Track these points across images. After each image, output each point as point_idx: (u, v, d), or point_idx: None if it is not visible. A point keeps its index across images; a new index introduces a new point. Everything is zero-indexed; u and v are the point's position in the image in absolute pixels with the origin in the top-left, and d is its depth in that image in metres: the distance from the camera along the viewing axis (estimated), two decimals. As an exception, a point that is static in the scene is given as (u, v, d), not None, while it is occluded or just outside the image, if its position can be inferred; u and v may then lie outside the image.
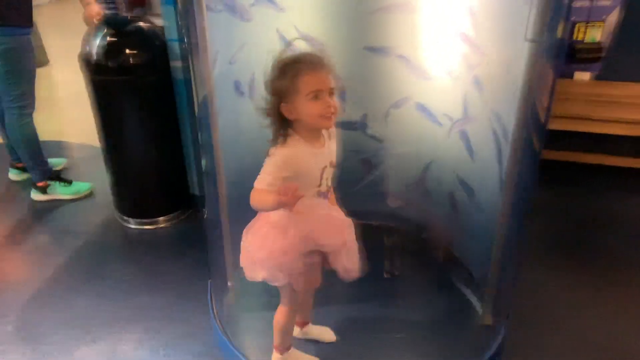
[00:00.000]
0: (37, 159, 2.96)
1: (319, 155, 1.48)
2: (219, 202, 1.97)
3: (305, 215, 1.49)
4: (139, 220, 2.77)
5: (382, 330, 2.03)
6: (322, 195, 1.55)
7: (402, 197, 2.34)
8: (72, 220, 2.84)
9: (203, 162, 1.82)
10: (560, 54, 1.50)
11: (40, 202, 3.01)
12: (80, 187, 3.06)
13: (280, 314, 1.73)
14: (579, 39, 2.38)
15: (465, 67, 2.00)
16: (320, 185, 1.51)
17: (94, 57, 2.41)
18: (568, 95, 3.02)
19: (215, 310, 1.98)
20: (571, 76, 3.08)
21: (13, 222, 2.85)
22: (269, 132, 1.47)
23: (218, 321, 1.94)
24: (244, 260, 1.61)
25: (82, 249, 2.59)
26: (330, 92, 1.41)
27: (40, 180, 2.99)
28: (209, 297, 2.07)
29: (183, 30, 1.58)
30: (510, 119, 1.70)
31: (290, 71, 1.39)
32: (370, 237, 1.96)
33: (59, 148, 3.72)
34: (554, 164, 3.20)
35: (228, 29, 1.90)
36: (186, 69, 2.48)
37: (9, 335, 2.07)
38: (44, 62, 5.39)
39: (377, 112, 2.30)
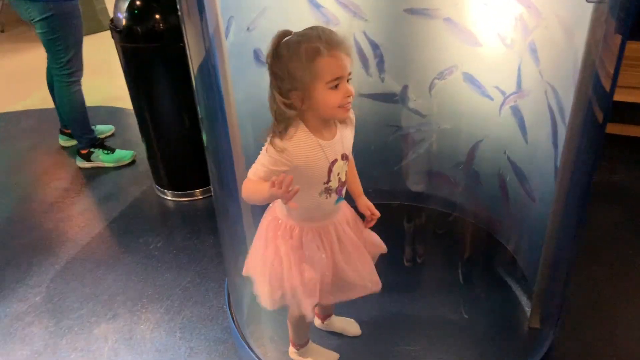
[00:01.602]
0: (83, 127, 2.96)
1: (327, 148, 1.27)
2: (238, 184, 1.84)
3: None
4: (175, 192, 2.71)
5: (412, 324, 1.85)
6: (332, 191, 1.33)
7: (427, 179, 2.10)
8: (111, 190, 2.83)
9: (210, 140, 1.66)
10: (631, 16, 1.20)
11: (85, 169, 3.03)
12: (122, 155, 3.04)
13: (294, 313, 1.57)
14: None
15: (520, 32, 1.70)
16: (328, 181, 1.30)
17: (123, 22, 2.30)
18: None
19: (230, 300, 1.87)
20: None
21: (56, 189, 2.88)
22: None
23: (232, 312, 1.83)
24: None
25: (117, 221, 2.57)
26: (349, 78, 1.20)
27: (85, 148, 3.00)
28: (225, 287, 1.96)
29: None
30: (569, 94, 1.41)
31: (307, 53, 1.15)
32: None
33: (112, 114, 3.73)
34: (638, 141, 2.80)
35: (244, -8, 1.71)
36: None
37: (37, 307, 2.08)
38: (107, 27, 5.45)
39: (420, 83, 2.04)
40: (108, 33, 2.54)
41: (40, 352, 1.89)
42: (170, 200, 2.71)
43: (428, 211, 2.27)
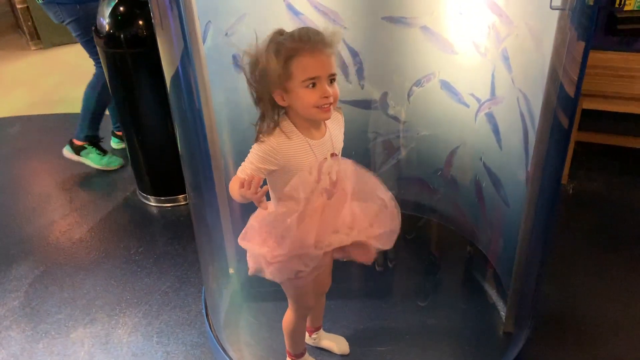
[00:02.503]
0: (93, 120, 2.93)
1: (317, 147, 1.28)
2: (217, 187, 1.85)
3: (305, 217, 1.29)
4: (158, 198, 2.72)
5: (389, 330, 1.86)
6: (325, 191, 1.32)
7: (404, 184, 2.12)
8: (95, 196, 2.83)
9: (185, 144, 1.68)
10: (593, 23, 1.23)
11: (70, 163, 3.03)
12: (112, 161, 3.03)
13: (288, 318, 1.58)
14: (621, 6, 2.00)
15: (493, 40, 1.73)
16: (318, 180, 1.30)
17: (106, 28, 2.32)
18: (633, 73, 2.62)
19: (207, 305, 1.88)
20: (637, 50, 2.68)
21: (39, 194, 2.87)
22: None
23: (209, 317, 1.84)
24: (251, 258, 1.41)
25: (99, 226, 2.57)
26: (331, 78, 1.21)
27: (80, 140, 2.98)
28: (202, 292, 1.96)
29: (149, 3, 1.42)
30: (538, 100, 1.44)
31: (284, 52, 1.17)
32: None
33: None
34: (617, 150, 2.83)
35: (222, -3, 1.73)
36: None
37: (14, 311, 2.08)
38: (98, 34, 5.48)
39: (399, 90, 2.07)
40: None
41: (17, 355, 1.88)
42: (153, 205, 2.72)
43: (406, 217, 2.28)
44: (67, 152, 3.03)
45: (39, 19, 5.21)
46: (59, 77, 4.60)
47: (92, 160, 3.00)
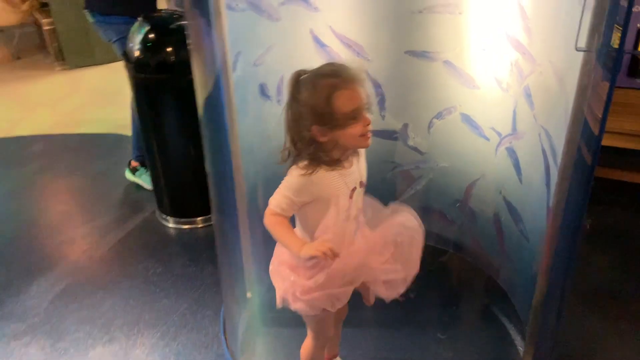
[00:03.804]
0: (139, 140, 2.96)
1: (347, 176, 1.32)
2: (238, 210, 1.88)
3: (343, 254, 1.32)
4: (177, 219, 2.75)
5: (406, 361, 1.86)
6: (351, 218, 1.36)
7: (422, 214, 2.15)
8: (115, 216, 2.86)
9: (213, 167, 1.72)
10: (618, 65, 1.26)
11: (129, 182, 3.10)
12: None
13: (307, 346, 1.60)
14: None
15: (516, 76, 1.77)
16: (349, 208, 1.34)
17: (135, 54, 2.40)
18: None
19: (225, 328, 1.89)
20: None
21: (61, 213, 2.93)
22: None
23: (227, 340, 1.85)
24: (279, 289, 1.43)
25: (119, 245, 2.60)
26: (366, 108, 1.26)
27: (135, 160, 3.05)
28: (221, 314, 1.98)
29: (188, 30, 1.48)
30: (561, 137, 1.46)
31: (325, 89, 1.21)
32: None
33: (120, 141, 3.80)
34: (634, 186, 2.83)
35: (252, 29, 1.79)
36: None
37: (34, 327, 2.10)
38: (121, 57, 5.60)
39: (420, 122, 2.11)
40: (121, 63, 2.63)
41: (34, 372, 1.90)
42: (171, 227, 2.75)
43: (425, 247, 2.29)
44: (127, 173, 3.12)
45: (65, 40, 5.36)
46: (82, 98, 4.70)
47: (144, 181, 3.06)
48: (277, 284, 1.43)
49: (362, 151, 1.42)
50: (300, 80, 1.24)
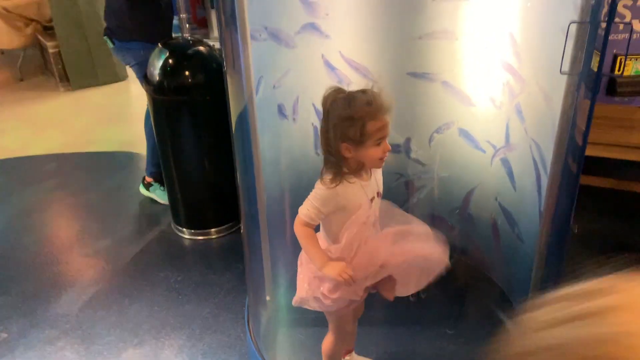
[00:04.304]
0: (154, 156, 3.09)
1: (367, 187, 1.50)
2: (260, 220, 2.07)
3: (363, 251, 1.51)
4: (191, 231, 2.92)
5: (414, 356, 2.03)
6: (371, 225, 1.55)
7: (425, 221, 2.34)
8: (133, 229, 3.04)
9: (242, 180, 1.91)
10: (597, 87, 1.47)
11: (143, 197, 3.26)
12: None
13: (328, 342, 1.76)
14: (621, 72, 2.28)
15: (507, 95, 1.98)
16: (369, 215, 1.52)
17: (155, 77, 2.58)
18: (634, 124, 2.88)
19: (250, 326, 2.06)
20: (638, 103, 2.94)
21: (80, 227, 3.08)
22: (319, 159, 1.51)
23: (252, 337, 2.01)
24: (301, 291, 1.61)
25: (139, 256, 2.76)
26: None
27: (149, 176, 3.21)
28: (245, 313, 2.15)
29: (223, 56, 1.68)
30: (549, 149, 1.67)
31: (361, 115, 1.37)
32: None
33: (129, 158, 3.97)
34: (621, 194, 3.06)
35: (272, 56, 1.99)
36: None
37: (67, 333, 2.26)
38: (123, 77, 5.79)
39: (421, 136, 2.31)
40: (123, 83, 2.81)
41: (72, 373, 2.05)
42: (187, 238, 2.92)
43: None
44: (141, 188, 3.28)
45: (69, 62, 5.54)
46: (88, 117, 4.87)
47: (158, 196, 3.22)
48: (300, 285, 1.61)
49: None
50: (337, 99, 1.40)
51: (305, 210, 1.48)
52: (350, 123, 1.37)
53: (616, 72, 2.28)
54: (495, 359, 0.61)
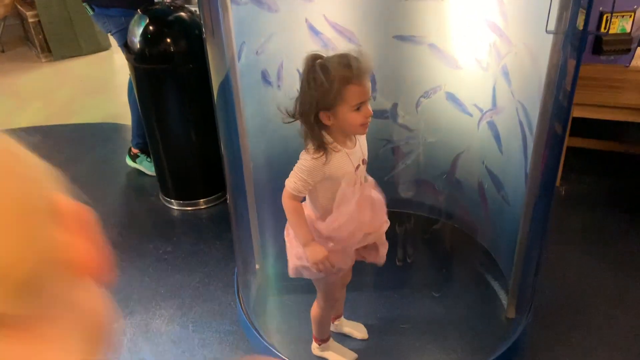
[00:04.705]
0: (140, 127, 3.04)
1: (352, 155, 1.48)
2: (246, 189, 2.05)
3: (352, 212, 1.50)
4: (180, 202, 2.91)
5: (403, 319, 2.06)
6: (357, 190, 1.53)
7: (415, 187, 2.34)
8: (121, 201, 3.03)
9: (226, 149, 1.88)
10: (583, 45, 1.45)
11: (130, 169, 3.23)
12: None
13: (317, 308, 1.78)
14: (607, 30, 2.25)
15: (494, 57, 1.96)
16: (355, 182, 1.52)
17: (136, 45, 2.52)
18: (624, 84, 2.86)
19: (240, 295, 2.07)
20: (628, 63, 2.92)
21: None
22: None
23: (242, 305, 2.03)
24: (293, 260, 1.60)
25: (128, 228, 2.75)
26: (368, 99, 1.39)
27: (135, 147, 3.18)
28: (235, 282, 2.16)
29: (202, 22, 1.63)
30: (535, 110, 1.66)
31: (336, 79, 1.32)
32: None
33: (114, 130, 3.92)
34: (607, 155, 3.07)
35: (254, 20, 1.94)
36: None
37: (57, 306, 2.26)
38: (106, 47, 5.67)
39: (408, 101, 2.29)
40: (106, 53, 2.74)
41: (63, 345, 2.06)
42: (176, 209, 2.91)
43: (416, 217, 2.50)
44: (127, 159, 3.24)
45: (50, 32, 5.40)
46: (72, 88, 4.78)
47: (145, 167, 3.18)
48: (291, 256, 1.60)
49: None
50: (315, 65, 1.35)
51: (292, 183, 1.46)
52: (327, 89, 1.33)
53: (602, 30, 2.25)
54: None
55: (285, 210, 1.51)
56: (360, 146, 1.53)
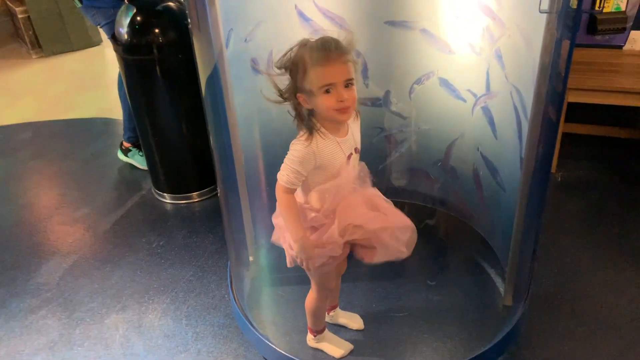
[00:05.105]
0: (131, 121, 3.03)
1: (343, 144, 1.45)
2: (238, 179, 2.02)
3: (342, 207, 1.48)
4: (173, 195, 2.87)
5: (400, 307, 2.03)
6: (351, 181, 1.51)
7: (409, 175, 2.31)
8: (113, 195, 2.97)
9: (215, 140, 1.85)
10: (577, 24, 1.42)
11: (123, 164, 3.22)
12: None
13: (311, 298, 1.75)
14: (601, 9, 2.21)
15: (487, 41, 1.92)
16: (347, 172, 1.48)
17: (124, 36, 2.48)
18: (618, 68, 2.83)
19: (233, 287, 2.04)
20: (620, 47, 2.89)
21: (58, 195, 3.02)
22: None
23: (236, 298, 2.00)
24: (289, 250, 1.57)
25: (120, 222, 2.72)
26: (347, 83, 1.35)
27: (127, 141, 3.15)
28: (228, 275, 2.13)
29: (187, 10, 1.59)
30: (530, 94, 1.62)
31: (302, 62, 1.33)
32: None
33: (107, 125, 3.88)
34: (605, 140, 3.05)
35: (242, 7, 1.90)
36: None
37: (49, 301, 2.23)
38: (97, 42, 5.61)
39: (401, 88, 2.26)
40: (98, 48, 2.70)
41: (55, 341, 2.03)
42: (168, 202, 2.88)
43: (411, 205, 2.47)
44: (119, 155, 3.21)
45: (40, 28, 5.34)
46: (63, 84, 4.73)
47: (137, 161, 3.16)
48: (285, 246, 1.57)
49: (357, 120, 1.55)
50: (298, 48, 1.35)
51: (285, 176, 1.43)
52: (297, 70, 1.34)
53: (596, 9, 2.22)
54: None
55: (278, 204, 1.48)
56: (353, 135, 1.50)
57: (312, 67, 1.32)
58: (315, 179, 1.47)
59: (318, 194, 1.47)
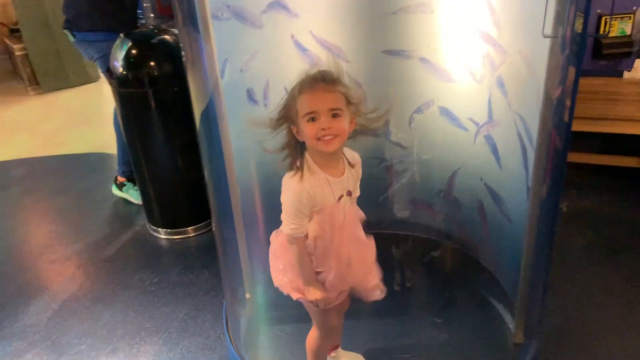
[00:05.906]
0: (126, 154, 2.95)
1: (335, 184, 1.38)
2: (233, 213, 1.94)
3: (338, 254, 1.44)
4: (168, 230, 2.79)
5: (405, 346, 1.93)
6: (339, 226, 1.43)
7: (411, 207, 2.25)
8: (106, 231, 2.90)
9: (210, 173, 1.78)
10: (582, 49, 1.37)
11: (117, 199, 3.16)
12: None
13: (312, 338, 1.66)
14: (606, 33, 2.18)
15: (488, 68, 1.88)
16: (335, 215, 1.41)
17: (119, 69, 2.45)
18: (618, 96, 2.80)
19: (228, 327, 1.94)
20: (620, 75, 2.87)
21: (50, 232, 2.94)
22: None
23: (231, 338, 1.90)
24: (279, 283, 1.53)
25: (112, 259, 2.63)
26: (334, 113, 1.28)
27: (122, 176, 3.10)
28: (223, 313, 2.03)
29: (181, 42, 1.55)
30: (535, 121, 1.57)
31: (292, 91, 1.31)
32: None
33: (102, 160, 3.82)
34: (607, 169, 2.99)
35: (237, 37, 1.87)
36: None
37: (36, 344, 2.12)
38: (95, 78, 5.62)
39: (400, 118, 2.20)
40: (95, 84, 2.68)
41: (41, 387, 1.92)
42: (163, 238, 2.79)
43: (413, 238, 2.39)
44: (113, 188, 3.15)
45: (38, 65, 5.36)
46: (59, 120, 4.71)
47: (132, 195, 3.09)
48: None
49: (358, 162, 1.49)
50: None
51: (289, 229, 1.37)
52: (288, 99, 1.33)
53: (601, 33, 2.19)
54: None
55: (292, 254, 1.43)
56: (349, 177, 1.43)
57: (299, 95, 1.30)
58: None
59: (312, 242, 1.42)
